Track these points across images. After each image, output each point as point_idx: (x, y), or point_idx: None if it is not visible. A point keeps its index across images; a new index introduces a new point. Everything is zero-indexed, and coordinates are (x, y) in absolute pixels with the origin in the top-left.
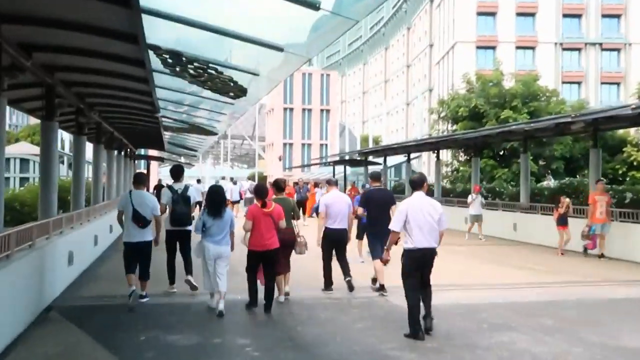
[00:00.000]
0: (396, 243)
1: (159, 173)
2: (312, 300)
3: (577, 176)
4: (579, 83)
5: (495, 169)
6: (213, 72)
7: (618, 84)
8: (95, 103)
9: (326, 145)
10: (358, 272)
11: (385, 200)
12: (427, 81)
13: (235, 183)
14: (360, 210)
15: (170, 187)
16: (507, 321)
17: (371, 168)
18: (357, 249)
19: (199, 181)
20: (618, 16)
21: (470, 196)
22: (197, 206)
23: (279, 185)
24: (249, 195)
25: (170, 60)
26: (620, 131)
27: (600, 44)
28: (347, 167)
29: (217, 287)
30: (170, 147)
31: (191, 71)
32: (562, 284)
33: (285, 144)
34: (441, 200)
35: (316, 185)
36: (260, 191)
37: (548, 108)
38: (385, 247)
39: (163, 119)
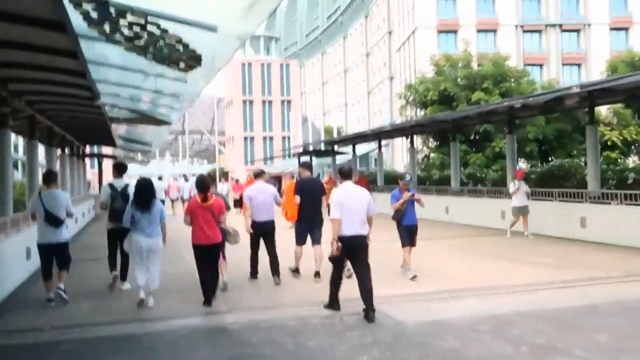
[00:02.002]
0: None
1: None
2: (296, 321)
3: (550, 158)
4: (540, 65)
5: (468, 154)
6: (155, 29)
7: (579, 65)
8: (22, 91)
9: (289, 137)
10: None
11: (315, 190)
12: (388, 69)
13: (187, 180)
14: (296, 199)
15: (110, 185)
16: (549, 339)
17: (339, 158)
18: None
19: (160, 178)
20: None
21: (511, 184)
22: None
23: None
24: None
25: (95, 15)
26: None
27: (560, 25)
28: (313, 158)
29: (148, 286)
30: (122, 143)
31: (125, 30)
32: (586, 281)
33: (246, 138)
34: (418, 189)
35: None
36: (200, 185)
37: (519, 89)
38: (332, 239)
39: (107, 108)
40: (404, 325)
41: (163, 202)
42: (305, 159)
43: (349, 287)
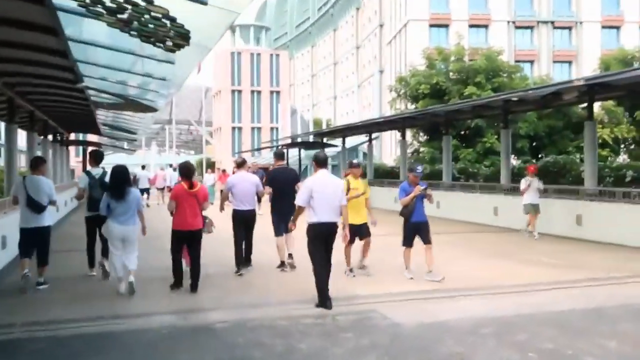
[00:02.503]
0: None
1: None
2: (286, 320)
3: (540, 155)
4: (531, 61)
5: (458, 149)
6: (139, 1)
7: (570, 62)
8: None
9: (277, 128)
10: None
11: (288, 179)
12: (378, 62)
13: (175, 170)
14: (267, 190)
15: (87, 172)
16: (558, 345)
17: (328, 150)
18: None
19: (143, 167)
20: None
21: (523, 180)
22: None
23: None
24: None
25: None
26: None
27: (552, 22)
28: (302, 151)
29: (127, 268)
30: (107, 130)
31: (107, 2)
32: (587, 282)
33: (234, 128)
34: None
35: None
36: (185, 171)
37: (512, 84)
38: (292, 219)
39: (92, 93)
40: (402, 327)
41: (147, 190)
42: (293, 151)
43: (342, 286)
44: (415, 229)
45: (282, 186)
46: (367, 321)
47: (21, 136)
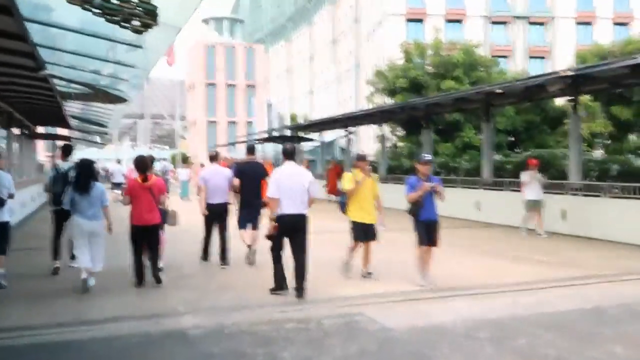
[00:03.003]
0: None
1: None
2: (267, 325)
3: (515, 150)
4: (506, 57)
5: (437, 144)
6: None
7: (544, 57)
8: None
9: (253, 123)
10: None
11: (257, 173)
12: (354, 57)
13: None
14: (236, 181)
15: (54, 167)
16: (561, 351)
17: (305, 144)
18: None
19: (119, 162)
20: None
21: (523, 174)
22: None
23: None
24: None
25: None
26: (561, 102)
27: (527, 18)
28: (278, 145)
29: (90, 266)
30: (76, 124)
31: None
32: (581, 280)
33: (209, 122)
34: (386, 177)
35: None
36: (140, 165)
37: (490, 79)
38: (270, 217)
39: (56, 82)
40: (393, 331)
41: (121, 185)
42: (269, 146)
43: (326, 285)
44: (427, 227)
45: (250, 180)
46: (355, 325)
47: None
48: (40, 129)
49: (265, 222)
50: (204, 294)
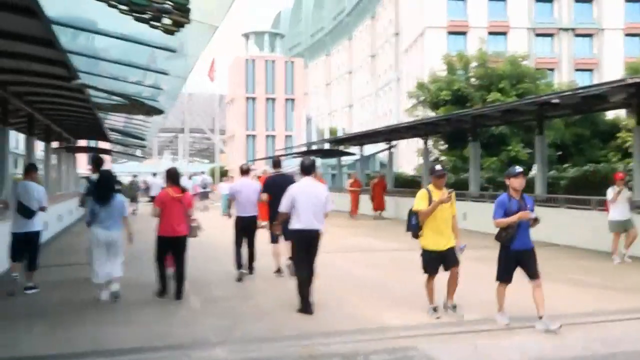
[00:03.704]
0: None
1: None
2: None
3: (564, 165)
4: (552, 69)
5: (482, 158)
6: None
7: (591, 70)
8: None
9: (291, 137)
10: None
11: (284, 186)
12: (394, 71)
13: (190, 178)
14: (264, 196)
15: (87, 179)
16: None
17: (345, 158)
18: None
19: (154, 175)
20: (590, 1)
21: (610, 189)
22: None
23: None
24: (199, 189)
25: None
26: (612, 115)
27: (573, 30)
28: (318, 159)
29: (111, 275)
30: (115, 136)
31: None
32: None
33: (248, 136)
34: None
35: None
36: (173, 177)
37: (538, 90)
38: (274, 222)
39: (91, 93)
40: None
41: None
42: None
43: (373, 313)
44: (517, 258)
45: (278, 193)
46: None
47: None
48: (82, 143)
49: None
50: (237, 321)
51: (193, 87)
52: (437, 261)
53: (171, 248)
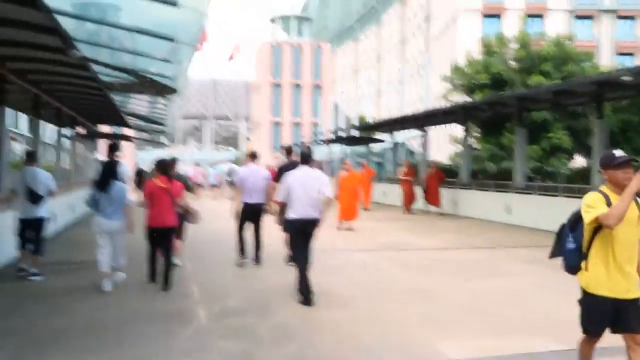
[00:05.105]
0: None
1: (137, 157)
2: None
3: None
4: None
5: None
6: None
7: (632, 54)
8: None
9: (318, 124)
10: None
11: None
12: (424, 57)
13: (212, 167)
14: (272, 185)
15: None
16: None
17: (374, 146)
18: None
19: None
20: None
21: None
22: None
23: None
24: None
25: None
26: None
27: (616, 11)
28: (346, 147)
29: (114, 263)
30: (134, 122)
31: None
32: None
33: (273, 123)
34: (470, 183)
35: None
36: (162, 167)
37: (583, 73)
38: (277, 223)
39: (98, 71)
40: None
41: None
42: (335, 147)
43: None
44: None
45: None
46: None
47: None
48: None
49: None
50: (256, 345)
51: (218, 73)
52: (608, 315)
53: (159, 238)
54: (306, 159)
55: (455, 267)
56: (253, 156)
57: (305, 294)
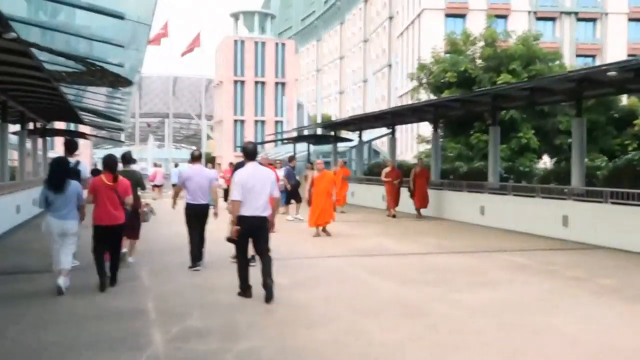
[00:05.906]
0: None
1: (94, 156)
2: None
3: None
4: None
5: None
6: None
7: (594, 56)
8: None
9: (282, 122)
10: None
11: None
12: (387, 56)
13: (176, 166)
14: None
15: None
16: None
17: (341, 145)
18: None
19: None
20: None
21: None
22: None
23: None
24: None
25: None
26: (627, 101)
27: (576, 13)
28: (311, 146)
29: (60, 265)
30: (88, 118)
31: None
32: None
33: (236, 121)
34: (441, 183)
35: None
36: (109, 164)
37: (551, 73)
38: (232, 220)
39: (43, 59)
40: None
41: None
42: (301, 146)
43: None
44: None
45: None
46: None
47: None
48: (60, 126)
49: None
50: None
51: (179, 71)
52: None
53: (106, 236)
54: (250, 155)
55: (439, 275)
56: (197, 157)
57: (244, 287)
